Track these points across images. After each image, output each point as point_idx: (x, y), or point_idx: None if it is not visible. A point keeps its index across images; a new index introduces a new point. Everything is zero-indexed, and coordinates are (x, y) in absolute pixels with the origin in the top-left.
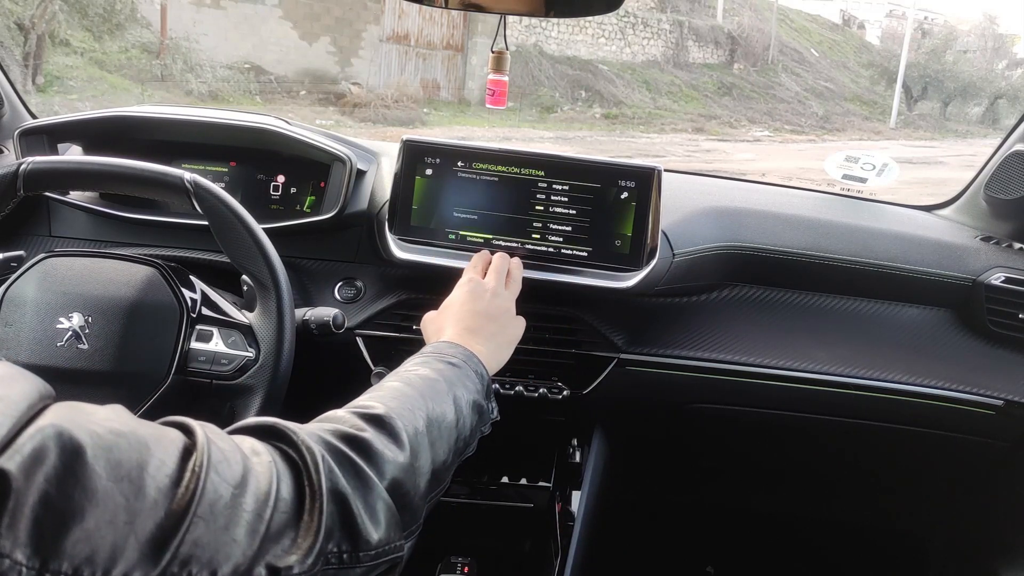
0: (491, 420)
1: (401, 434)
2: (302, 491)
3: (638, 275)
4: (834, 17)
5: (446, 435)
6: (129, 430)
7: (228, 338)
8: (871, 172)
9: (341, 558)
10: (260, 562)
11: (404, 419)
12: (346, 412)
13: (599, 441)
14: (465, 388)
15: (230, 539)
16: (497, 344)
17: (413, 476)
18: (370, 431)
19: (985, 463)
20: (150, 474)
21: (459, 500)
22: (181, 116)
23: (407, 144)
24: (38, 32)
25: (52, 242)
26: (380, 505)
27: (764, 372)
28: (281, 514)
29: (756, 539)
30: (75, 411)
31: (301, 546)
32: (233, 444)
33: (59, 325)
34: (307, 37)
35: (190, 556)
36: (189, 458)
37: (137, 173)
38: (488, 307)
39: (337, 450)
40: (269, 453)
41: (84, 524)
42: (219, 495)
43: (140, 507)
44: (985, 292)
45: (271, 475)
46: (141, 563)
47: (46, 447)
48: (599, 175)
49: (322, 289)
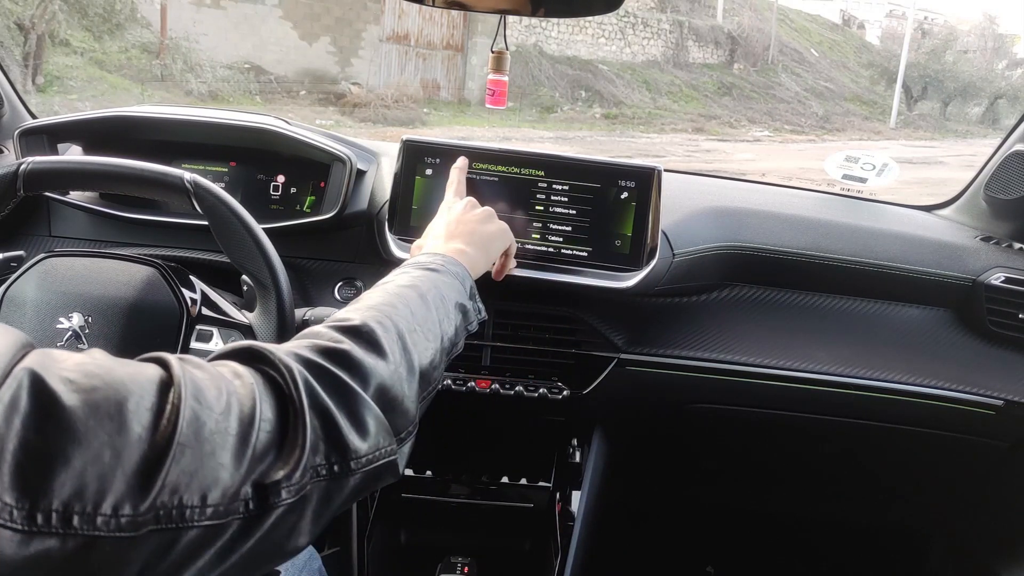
0: (477, 319)
1: (381, 340)
2: (285, 409)
3: (638, 275)
4: (834, 17)
5: (429, 335)
6: (104, 371)
7: (228, 338)
8: (871, 172)
9: (331, 469)
10: (248, 482)
11: (383, 325)
12: (324, 327)
13: (599, 441)
14: (445, 288)
15: (217, 463)
16: (476, 246)
17: (398, 380)
18: (348, 342)
19: (985, 463)
20: (130, 410)
21: (459, 500)
22: (181, 116)
23: (407, 144)
24: (38, 32)
25: (52, 242)
26: (366, 413)
27: (764, 372)
28: (265, 434)
29: (756, 539)
30: (48, 357)
31: (288, 462)
32: (214, 370)
33: (59, 325)
34: (307, 37)
35: (179, 483)
36: (168, 390)
37: (137, 173)
38: (462, 215)
39: (316, 364)
40: (250, 375)
41: (69, 464)
42: (202, 422)
43: (124, 442)
44: (985, 292)
45: (253, 397)
46: (130, 494)
47: (19, 394)
48: (599, 175)
49: (322, 289)
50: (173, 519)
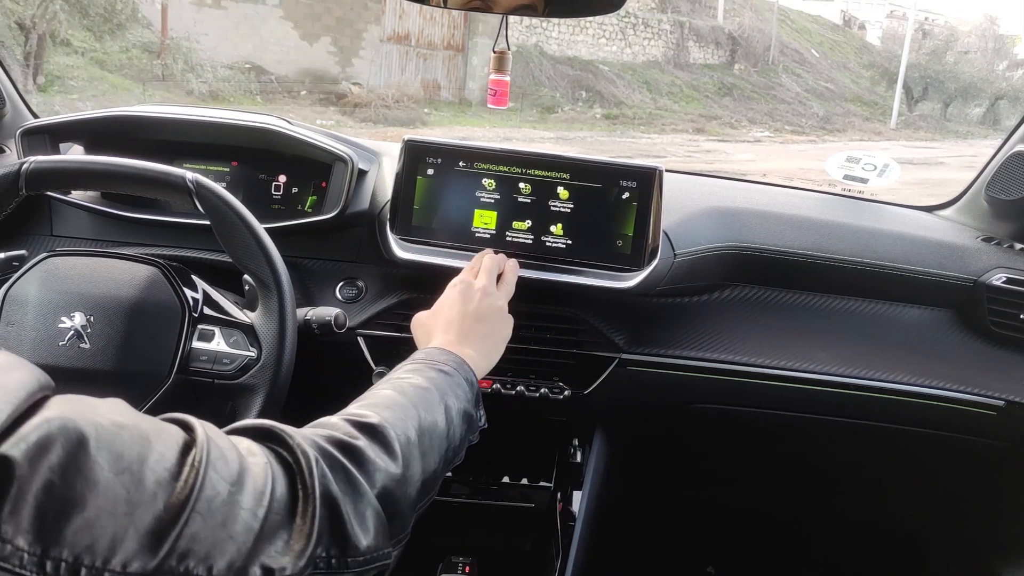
0: (479, 428)
1: (394, 444)
2: (295, 493)
3: (639, 275)
4: (835, 18)
5: (437, 445)
6: (131, 423)
7: (230, 338)
8: (872, 172)
9: (329, 563)
10: (255, 561)
11: (396, 428)
12: (340, 419)
13: (600, 441)
14: (456, 397)
15: (226, 535)
16: (487, 346)
17: (404, 486)
18: (363, 439)
19: (986, 463)
20: (150, 467)
21: (460, 500)
22: (183, 116)
23: (408, 144)
24: (39, 32)
25: (54, 241)
26: (369, 512)
27: (765, 372)
28: (275, 515)
29: (757, 539)
30: (79, 404)
31: (294, 547)
32: (230, 443)
33: (61, 324)
34: (308, 37)
35: (187, 550)
36: (188, 453)
37: (139, 173)
38: (478, 309)
39: (330, 455)
40: (264, 454)
41: (85, 513)
42: (217, 491)
43: (140, 499)
44: (986, 292)
45: (267, 475)
46: (140, 554)
47: (52, 437)
48: (600, 175)
49: (323, 289)
50: None
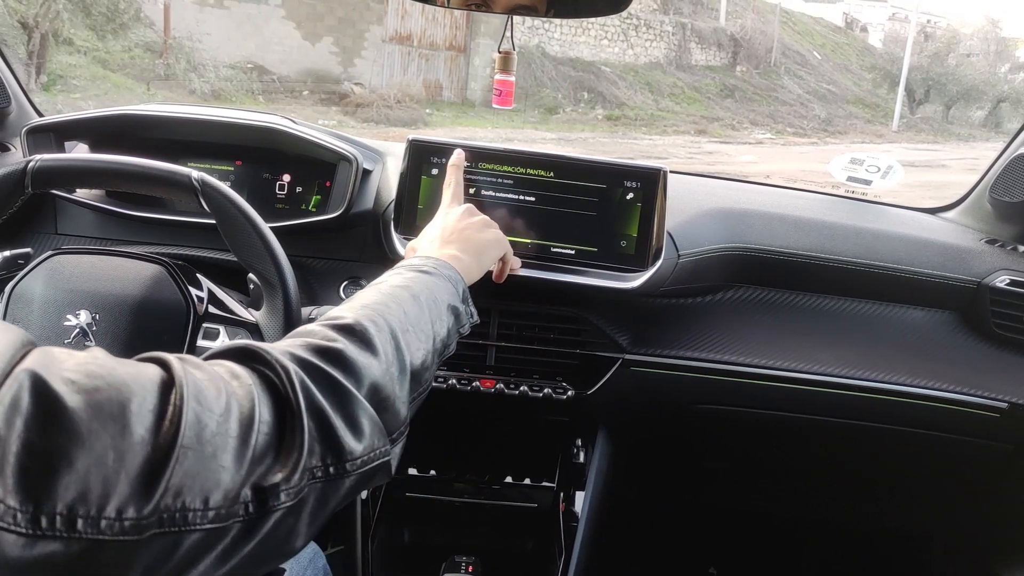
0: (470, 323)
1: (374, 339)
2: (282, 411)
3: (643, 276)
4: (837, 20)
5: (422, 336)
6: (106, 371)
7: (235, 336)
8: (876, 174)
9: (327, 471)
10: (248, 483)
11: (376, 324)
12: (318, 325)
13: (603, 442)
14: (438, 290)
15: (218, 466)
16: (470, 254)
17: (391, 379)
18: (342, 340)
19: (989, 465)
20: (133, 411)
21: (463, 500)
22: (187, 115)
23: (413, 144)
24: (42, 31)
25: (58, 240)
26: (360, 414)
27: (768, 373)
28: (264, 436)
29: (759, 540)
30: (48, 356)
31: (286, 464)
32: (212, 371)
33: (66, 322)
34: (310, 37)
35: (182, 486)
36: (170, 391)
37: (145, 171)
38: (457, 222)
39: (311, 364)
40: (247, 375)
41: (73, 466)
42: (204, 424)
43: (127, 444)
44: (990, 295)
45: (252, 398)
46: (134, 497)
47: (20, 395)
48: (605, 176)
49: (327, 288)
50: (176, 522)
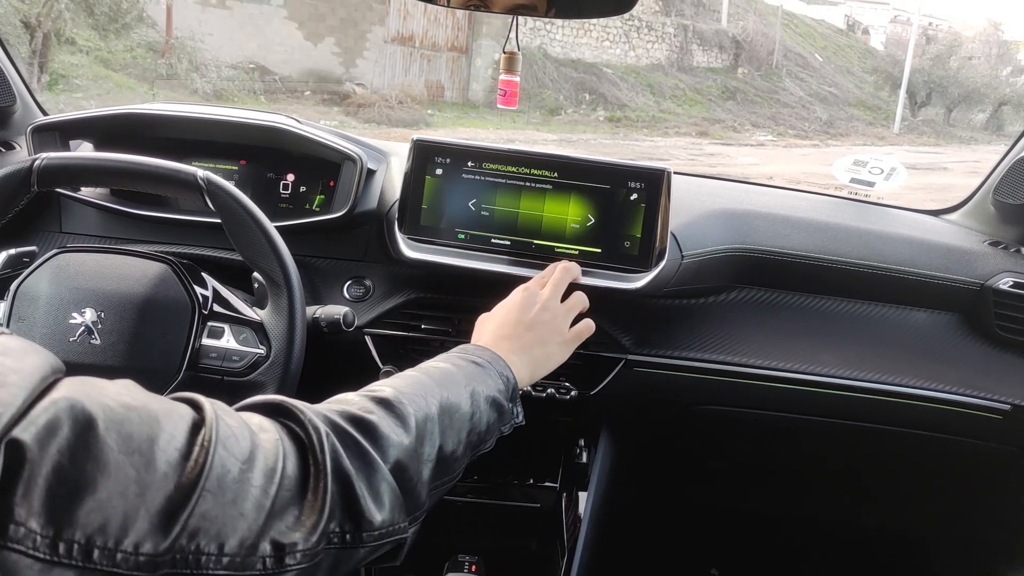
0: (512, 422)
1: (408, 417)
2: (307, 469)
3: (647, 276)
4: (839, 22)
5: (458, 425)
6: (140, 404)
7: (239, 335)
8: (879, 176)
9: (344, 538)
10: (265, 537)
11: (414, 404)
12: (356, 395)
13: (606, 442)
14: (485, 385)
15: (237, 513)
16: (533, 356)
17: (417, 461)
18: (377, 413)
19: (992, 467)
20: (160, 447)
21: (467, 499)
22: (192, 114)
23: (417, 144)
24: (44, 30)
25: (63, 238)
26: (384, 487)
27: (772, 375)
28: (286, 491)
29: (761, 541)
30: (87, 385)
31: (305, 524)
32: (241, 420)
33: (72, 320)
34: (312, 37)
35: (198, 528)
36: (198, 432)
37: (151, 170)
38: (534, 317)
39: (343, 430)
40: (276, 430)
41: (96, 495)
42: (227, 469)
43: (151, 480)
44: (993, 297)
45: (277, 451)
46: (152, 534)
47: (59, 419)
48: (608, 176)
49: (331, 288)
50: (189, 564)
